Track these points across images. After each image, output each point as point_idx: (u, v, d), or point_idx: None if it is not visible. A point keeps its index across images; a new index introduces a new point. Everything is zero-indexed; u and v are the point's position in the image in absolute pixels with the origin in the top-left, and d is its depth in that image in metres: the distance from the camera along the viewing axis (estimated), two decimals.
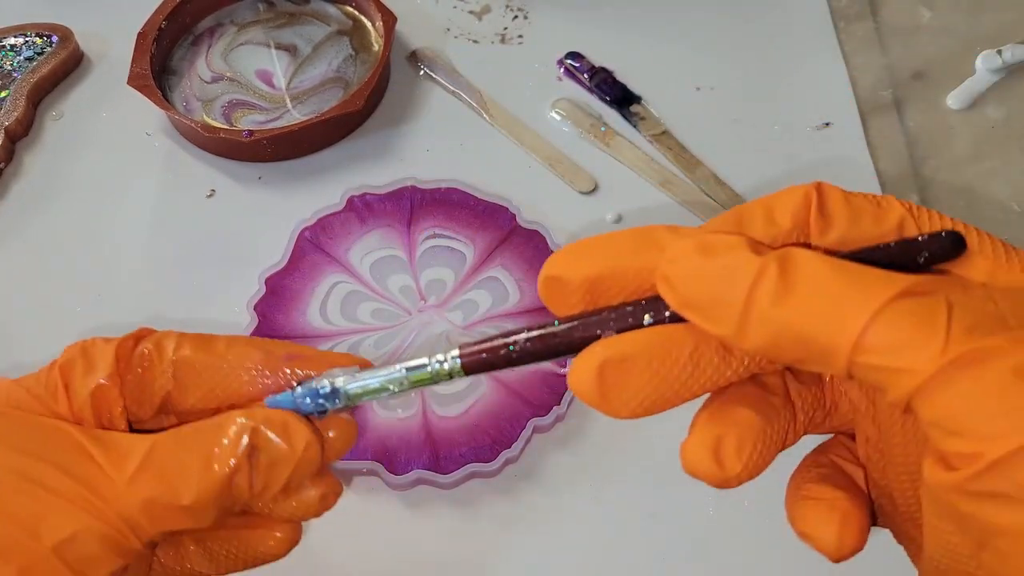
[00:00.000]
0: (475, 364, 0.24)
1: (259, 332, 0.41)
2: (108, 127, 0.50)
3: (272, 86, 0.50)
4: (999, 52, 0.50)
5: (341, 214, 0.45)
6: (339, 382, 0.26)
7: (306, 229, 0.44)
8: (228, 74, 0.51)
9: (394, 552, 0.37)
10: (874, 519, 0.25)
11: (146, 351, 0.26)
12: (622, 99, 0.50)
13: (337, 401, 0.26)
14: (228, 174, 0.48)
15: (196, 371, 0.26)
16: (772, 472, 0.40)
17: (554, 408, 0.39)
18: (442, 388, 0.40)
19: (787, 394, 0.24)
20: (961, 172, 0.48)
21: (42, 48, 0.51)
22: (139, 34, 0.49)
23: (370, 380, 0.25)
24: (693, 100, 0.51)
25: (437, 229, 0.44)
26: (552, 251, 0.43)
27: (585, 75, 0.51)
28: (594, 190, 0.47)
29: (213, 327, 0.42)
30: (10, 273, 0.45)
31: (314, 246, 0.44)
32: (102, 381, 0.26)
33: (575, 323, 0.23)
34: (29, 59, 0.51)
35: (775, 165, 0.48)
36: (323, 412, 0.26)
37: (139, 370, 0.26)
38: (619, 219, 0.46)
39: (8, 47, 0.51)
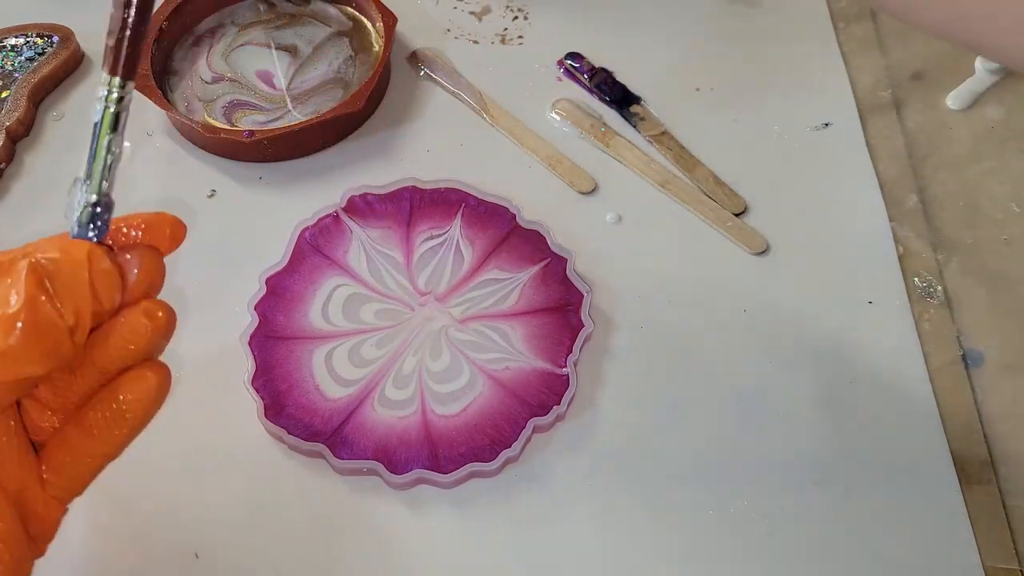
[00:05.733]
0: (113, 63, 0.27)
1: (259, 332, 0.41)
2: None
3: (273, 87, 0.50)
4: None
5: (340, 213, 0.45)
6: (81, 195, 0.29)
7: (306, 229, 0.44)
8: (229, 75, 0.51)
9: (394, 552, 0.37)
10: None
11: None
12: (622, 99, 0.50)
13: (99, 208, 0.29)
14: (229, 174, 0.48)
15: None
16: (771, 474, 0.41)
17: (554, 408, 0.39)
18: (440, 386, 0.40)
19: None
20: (960, 172, 0.48)
21: (43, 48, 0.51)
22: None
23: (89, 167, 0.29)
24: (693, 100, 0.51)
25: (436, 229, 0.44)
26: (552, 251, 0.43)
27: (585, 75, 0.51)
28: (594, 190, 0.47)
29: (213, 326, 0.42)
30: None
31: (313, 247, 0.44)
32: None
33: None
34: (30, 59, 0.51)
35: (775, 165, 0.48)
36: (103, 224, 0.29)
37: None
38: (619, 219, 0.46)
39: (9, 47, 0.51)
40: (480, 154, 0.49)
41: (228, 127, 0.48)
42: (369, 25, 0.53)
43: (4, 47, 0.51)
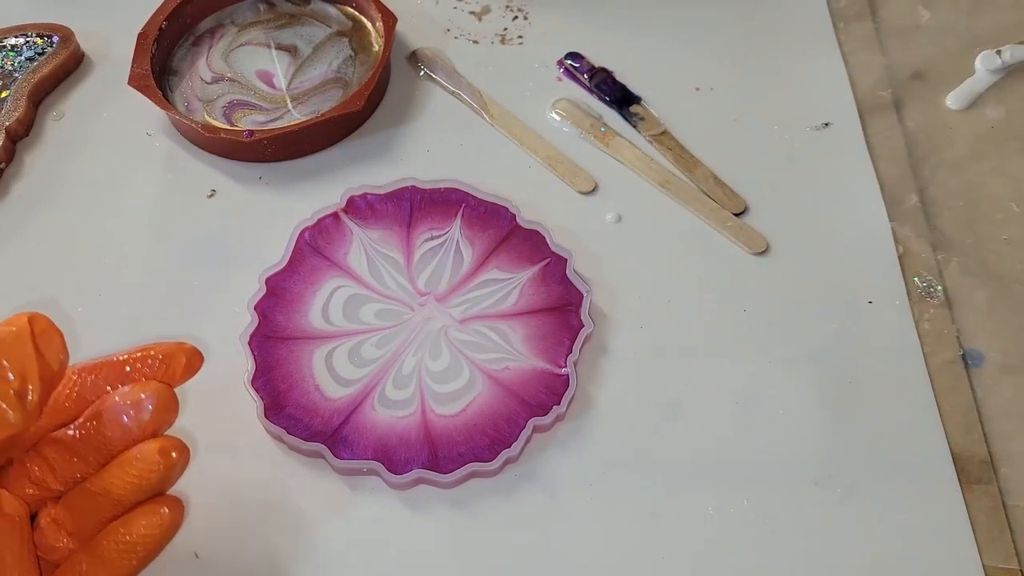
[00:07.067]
0: None
1: (259, 332, 0.41)
2: (109, 127, 0.50)
3: (273, 86, 0.50)
4: (998, 52, 0.50)
5: (341, 214, 0.45)
6: None
7: (306, 230, 0.44)
8: (229, 74, 0.51)
9: (394, 552, 0.37)
10: None
11: None
12: (622, 99, 0.50)
13: None
14: (229, 174, 0.48)
15: None
16: (771, 474, 0.41)
17: (554, 408, 0.39)
18: (440, 386, 0.40)
19: None
20: (961, 172, 0.48)
21: (43, 48, 0.51)
22: (140, 34, 0.49)
23: None
24: (693, 100, 0.51)
25: (436, 230, 0.44)
26: (552, 251, 0.43)
27: (585, 75, 0.51)
28: (594, 190, 0.47)
29: (213, 326, 0.42)
30: (10, 273, 0.45)
31: (313, 247, 0.44)
32: None
33: None
34: (30, 59, 0.51)
35: (775, 165, 0.48)
36: None
37: None
38: (619, 219, 0.46)
39: (9, 47, 0.51)
40: (480, 154, 0.49)
41: (228, 127, 0.48)
42: (369, 25, 0.53)
43: (4, 47, 0.51)
